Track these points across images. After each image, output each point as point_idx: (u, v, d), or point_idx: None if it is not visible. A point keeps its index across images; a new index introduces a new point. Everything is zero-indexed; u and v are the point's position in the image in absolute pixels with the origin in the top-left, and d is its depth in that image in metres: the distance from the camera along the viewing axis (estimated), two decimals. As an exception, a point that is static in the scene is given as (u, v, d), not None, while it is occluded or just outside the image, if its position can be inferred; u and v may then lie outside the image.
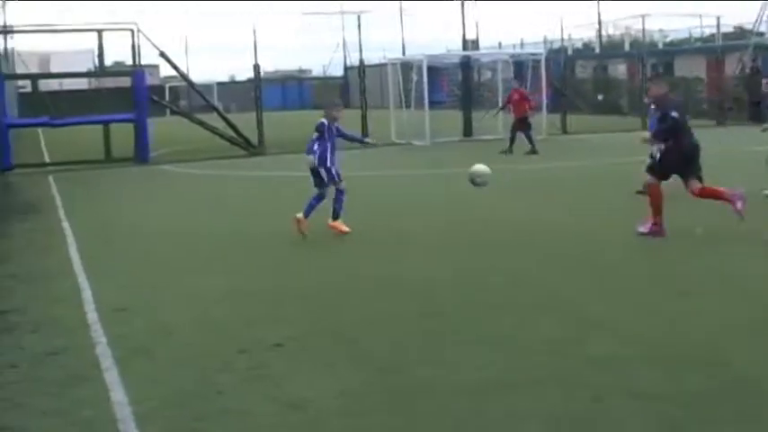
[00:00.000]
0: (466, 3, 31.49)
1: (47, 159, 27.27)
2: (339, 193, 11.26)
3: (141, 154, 24.13)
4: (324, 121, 11.19)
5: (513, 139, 23.43)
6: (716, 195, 10.46)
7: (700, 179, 10.34)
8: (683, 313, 7.18)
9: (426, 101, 27.43)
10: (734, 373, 5.71)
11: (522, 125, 23.55)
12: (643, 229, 10.45)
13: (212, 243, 11.52)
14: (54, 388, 5.92)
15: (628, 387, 5.47)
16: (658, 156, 10.53)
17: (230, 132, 25.36)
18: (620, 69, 45.76)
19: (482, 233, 11.32)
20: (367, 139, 14.34)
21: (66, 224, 13.48)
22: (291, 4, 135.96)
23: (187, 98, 58.82)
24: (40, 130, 33.23)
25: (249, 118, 27.46)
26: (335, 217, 11.31)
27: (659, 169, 10.45)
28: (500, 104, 27.49)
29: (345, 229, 11.23)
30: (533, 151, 22.89)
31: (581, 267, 9.13)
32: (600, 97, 44.18)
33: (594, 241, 10.56)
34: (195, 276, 9.40)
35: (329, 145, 11.18)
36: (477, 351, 6.35)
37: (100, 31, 24.96)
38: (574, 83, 44.08)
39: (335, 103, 11.78)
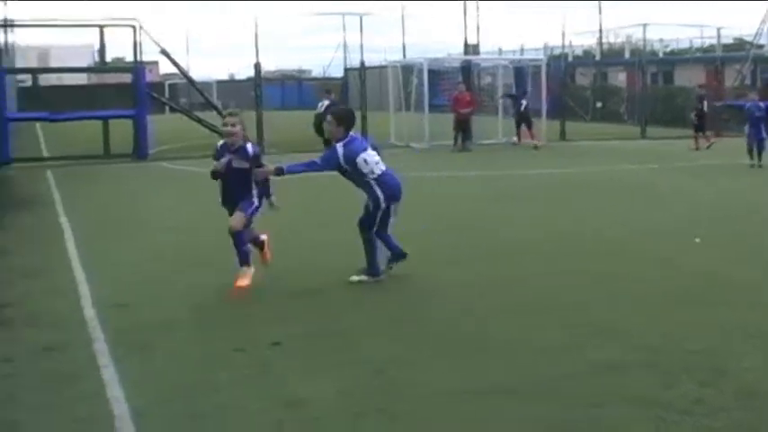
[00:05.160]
0: (468, 7, 31.52)
1: (45, 154, 27.20)
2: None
3: (140, 150, 24.13)
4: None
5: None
6: None
7: None
8: (684, 321, 7.16)
9: (426, 104, 27.39)
10: (732, 381, 5.69)
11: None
12: None
13: (211, 239, 11.45)
14: (50, 383, 5.88)
15: (626, 393, 5.46)
16: None
17: (229, 131, 25.27)
18: (619, 77, 45.74)
19: (484, 240, 11.25)
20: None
21: (64, 219, 13.45)
22: (294, 4, 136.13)
23: (187, 96, 58.72)
24: (38, 124, 33.13)
25: (248, 117, 27.33)
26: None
27: None
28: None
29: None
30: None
31: (583, 273, 9.10)
32: (599, 104, 44.15)
33: (597, 247, 10.52)
34: (194, 273, 9.38)
35: None
36: (479, 356, 6.34)
37: (102, 27, 24.91)
38: (573, 89, 44.08)
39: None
